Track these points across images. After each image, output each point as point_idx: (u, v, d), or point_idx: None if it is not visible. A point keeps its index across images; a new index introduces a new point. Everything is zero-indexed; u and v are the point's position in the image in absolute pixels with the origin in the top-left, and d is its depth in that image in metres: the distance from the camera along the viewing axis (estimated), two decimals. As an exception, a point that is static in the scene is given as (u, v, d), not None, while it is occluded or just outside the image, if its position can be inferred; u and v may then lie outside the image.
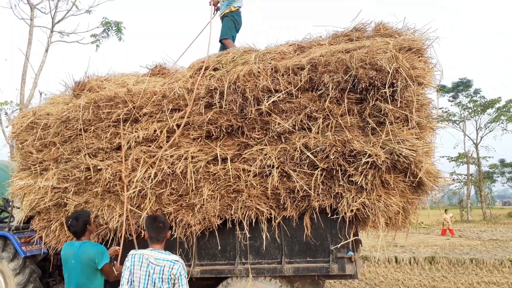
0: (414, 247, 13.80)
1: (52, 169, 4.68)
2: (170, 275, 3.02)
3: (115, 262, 3.98)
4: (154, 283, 3.01)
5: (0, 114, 14.26)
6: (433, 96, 4.15)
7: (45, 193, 4.62)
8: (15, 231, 5.84)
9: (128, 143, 4.45)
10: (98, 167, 4.48)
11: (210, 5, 6.15)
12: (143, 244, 3.53)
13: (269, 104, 4.07)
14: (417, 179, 3.77)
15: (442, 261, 10.86)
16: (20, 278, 5.52)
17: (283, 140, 4.13)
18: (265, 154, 4.16)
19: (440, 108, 26.77)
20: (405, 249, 13.19)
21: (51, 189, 4.60)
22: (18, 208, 6.44)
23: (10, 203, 6.25)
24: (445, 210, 20.23)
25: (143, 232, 3.86)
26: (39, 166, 4.75)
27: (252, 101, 4.12)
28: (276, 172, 4.08)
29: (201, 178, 4.33)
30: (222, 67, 4.56)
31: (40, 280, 5.83)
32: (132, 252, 3.24)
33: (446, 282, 8.67)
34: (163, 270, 3.03)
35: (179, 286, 3.03)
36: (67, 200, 4.56)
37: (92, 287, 3.69)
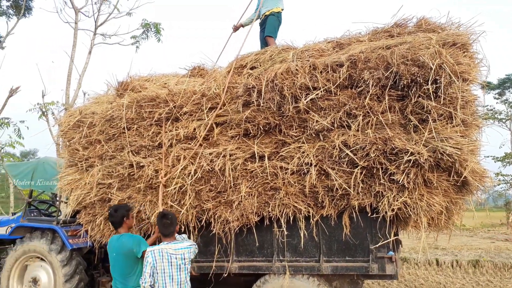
0: (457, 250, 13.27)
1: (97, 165, 4.90)
2: (189, 257, 3.69)
3: None
4: (179, 268, 3.59)
5: (47, 114, 14.96)
6: (478, 93, 3.99)
7: (91, 189, 4.84)
8: (62, 225, 6.16)
9: (169, 141, 4.58)
10: (141, 164, 4.64)
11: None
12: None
13: (307, 102, 4.06)
14: (461, 179, 3.64)
15: (487, 265, 10.38)
16: (67, 269, 5.82)
17: (322, 138, 4.11)
18: (303, 152, 4.15)
19: (485, 106, 25.60)
20: (446, 252, 12.72)
21: (96, 184, 4.82)
22: (65, 202, 6.79)
23: (58, 198, 6.61)
24: None
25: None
26: (85, 163, 4.99)
27: (290, 99, 4.12)
28: (314, 170, 4.07)
29: (239, 175, 4.39)
30: (260, 66, 4.60)
31: (85, 272, 6.13)
32: (150, 249, 3.70)
33: (491, 287, 8.31)
34: (183, 255, 3.65)
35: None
36: (111, 195, 4.76)
37: (135, 275, 3.94)
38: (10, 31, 16.68)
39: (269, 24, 5.97)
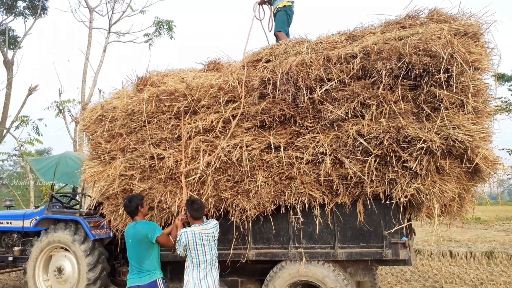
0: (471, 242, 13.25)
1: (119, 158, 5.09)
2: (217, 235, 4.18)
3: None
4: (209, 245, 4.05)
5: (64, 112, 15.31)
6: (490, 81, 4.07)
7: (113, 180, 5.03)
8: (85, 216, 6.40)
9: (188, 133, 4.75)
10: (161, 156, 4.82)
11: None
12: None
13: (321, 93, 4.18)
14: (473, 165, 3.74)
15: (501, 256, 10.38)
16: (90, 259, 6.06)
17: (336, 128, 4.23)
18: (318, 142, 4.28)
19: (499, 98, 25.23)
20: (460, 244, 12.71)
21: (118, 176, 5.00)
22: (88, 195, 7.04)
23: (80, 191, 6.85)
24: None
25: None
26: (107, 155, 5.18)
27: (304, 90, 4.25)
28: (329, 159, 4.19)
29: (255, 165, 4.54)
30: (275, 59, 4.73)
31: (107, 262, 6.36)
32: (183, 230, 4.07)
33: (505, 277, 8.32)
34: (213, 234, 4.11)
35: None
36: (133, 186, 4.95)
37: (150, 260, 4.15)
38: (28, 31, 17.06)
39: (277, 20, 6.11)
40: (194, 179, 4.65)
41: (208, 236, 4.05)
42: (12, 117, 16.26)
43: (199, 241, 3.99)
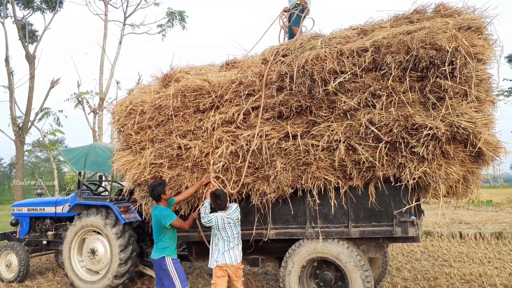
0: (481, 224, 13.52)
1: (148, 148, 5.52)
2: (239, 216, 4.87)
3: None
4: (234, 225, 4.77)
5: (83, 103, 15.84)
6: (493, 71, 4.36)
7: (144, 168, 5.47)
8: (114, 202, 6.89)
9: (211, 125, 5.16)
10: (187, 146, 5.24)
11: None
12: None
13: (335, 85, 4.52)
14: (476, 149, 4.07)
15: (509, 236, 10.66)
16: (121, 241, 6.52)
17: (349, 117, 4.58)
18: (332, 130, 4.63)
19: (504, 79, 24.85)
20: (470, 226, 12.99)
21: (149, 164, 5.45)
22: (115, 182, 7.54)
23: (111, 178, 7.33)
24: None
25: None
26: (138, 146, 5.62)
27: (319, 83, 4.59)
28: (343, 146, 4.54)
29: (274, 153, 4.92)
30: (291, 53, 5.07)
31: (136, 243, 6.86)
32: (211, 215, 4.74)
33: (513, 256, 8.64)
34: (237, 217, 4.80)
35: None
36: (162, 173, 5.39)
37: (162, 240, 4.89)
38: (48, 25, 17.50)
39: (293, 16, 6.41)
40: (218, 166, 5.06)
41: (232, 218, 4.77)
42: (35, 110, 16.87)
43: (227, 224, 4.72)
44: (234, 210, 4.83)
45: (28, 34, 17.51)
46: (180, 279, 4.81)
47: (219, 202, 4.75)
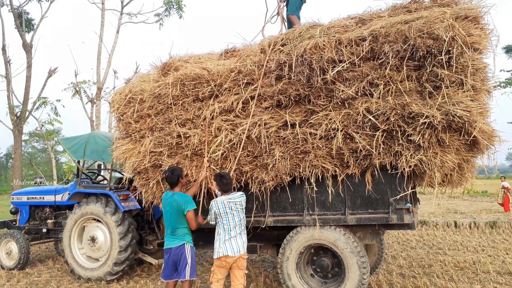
0: (476, 213, 13.70)
1: (148, 136, 5.56)
2: (244, 204, 4.68)
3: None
4: (237, 211, 4.57)
5: (81, 92, 15.80)
6: (489, 61, 4.42)
7: (144, 156, 5.52)
8: (114, 190, 6.96)
9: (210, 114, 5.20)
10: (187, 135, 5.29)
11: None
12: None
13: (333, 74, 4.57)
14: (471, 138, 4.14)
15: (504, 226, 10.84)
16: (121, 228, 6.61)
17: (347, 106, 4.63)
18: (330, 119, 4.68)
19: (509, 71, 24.89)
20: (465, 215, 13.17)
21: (148, 153, 5.50)
22: (114, 171, 7.58)
23: (110, 167, 7.38)
24: (502, 178, 16.12)
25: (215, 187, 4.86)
26: (137, 134, 5.67)
27: (318, 72, 4.63)
28: (340, 134, 4.60)
29: (273, 141, 4.98)
30: (290, 42, 5.10)
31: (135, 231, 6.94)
32: (213, 200, 4.60)
33: (506, 244, 8.79)
34: (241, 202, 4.62)
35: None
36: (161, 161, 5.45)
37: (181, 227, 4.69)
38: (44, 14, 17.36)
39: (290, 4, 6.41)
40: (217, 154, 5.12)
41: (236, 204, 4.56)
42: (33, 99, 16.82)
43: (229, 210, 4.52)
44: (239, 195, 4.63)
45: (24, 23, 17.39)
46: (191, 268, 4.62)
47: (224, 182, 4.60)
